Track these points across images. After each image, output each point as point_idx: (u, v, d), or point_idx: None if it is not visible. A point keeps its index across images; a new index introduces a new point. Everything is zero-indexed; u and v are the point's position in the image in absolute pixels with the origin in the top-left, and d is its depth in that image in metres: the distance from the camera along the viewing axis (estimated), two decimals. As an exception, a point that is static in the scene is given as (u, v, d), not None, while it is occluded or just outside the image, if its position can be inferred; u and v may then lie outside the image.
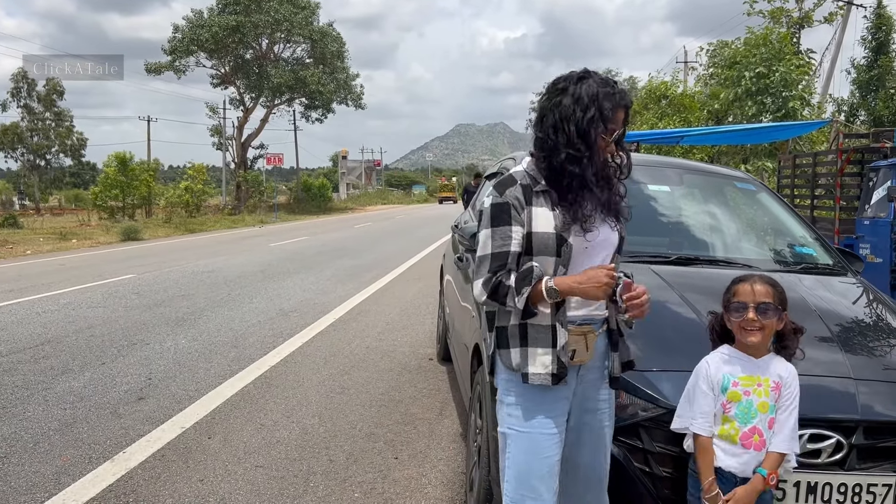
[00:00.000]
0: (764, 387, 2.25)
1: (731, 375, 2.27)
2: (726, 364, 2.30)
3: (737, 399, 2.25)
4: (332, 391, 5.26)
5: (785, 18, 18.30)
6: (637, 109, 22.66)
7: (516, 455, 2.20)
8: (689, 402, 2.29)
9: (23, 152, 47.06)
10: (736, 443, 2.23)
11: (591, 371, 2.23)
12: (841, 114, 19.43)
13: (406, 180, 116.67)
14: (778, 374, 2.26)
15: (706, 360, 2.33)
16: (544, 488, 2.17)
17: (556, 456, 2.18)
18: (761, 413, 2.23)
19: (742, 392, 2.25)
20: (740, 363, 2.29)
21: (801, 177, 11.91)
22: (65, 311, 8.51)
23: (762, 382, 2.25)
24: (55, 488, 3.58)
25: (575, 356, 2.15)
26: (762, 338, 2.28)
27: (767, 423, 2.23)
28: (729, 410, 2.25)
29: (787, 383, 2.26)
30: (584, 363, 2.18)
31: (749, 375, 2.27)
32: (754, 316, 2.25)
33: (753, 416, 2.23)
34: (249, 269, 12.92)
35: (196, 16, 41.00)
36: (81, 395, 5.09)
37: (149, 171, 33.11)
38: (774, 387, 2.25)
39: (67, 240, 21.17)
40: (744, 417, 2.24)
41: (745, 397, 2.25)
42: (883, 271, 7.46)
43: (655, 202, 4.26)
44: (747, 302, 2.27)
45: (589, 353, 2.17)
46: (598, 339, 2.21)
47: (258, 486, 3.62)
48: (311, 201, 47.92)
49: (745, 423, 2.23)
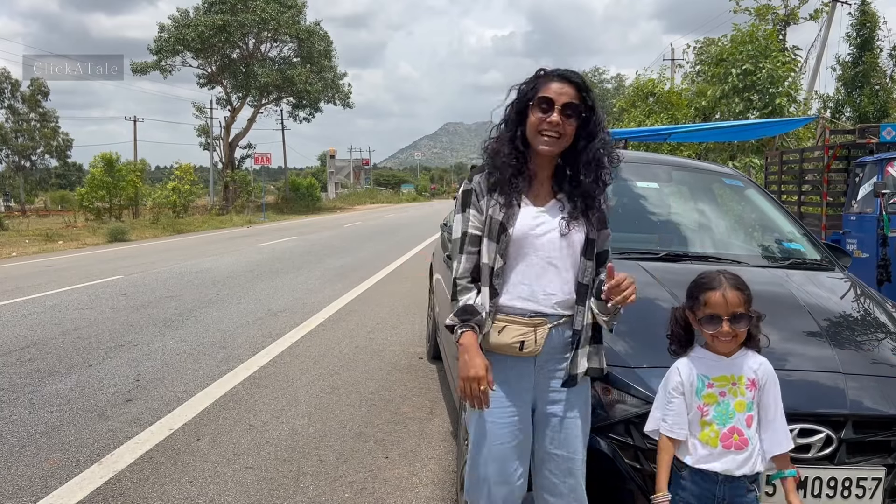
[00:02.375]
0: (739, 385, 2.22)
1: (706, 377, 2.24)
2: (698, 367, 2.26)
3: (713, 401, 2.22)
4: (321, 391, 5.24)
5: (771, 16, 18.37)
6: (624, 107, 22.75)
7: (473, 441, 2.28)
8: (660, 406, 2.28)
9: (7, 153, 46.76)
10: (716, 445, 2.20)
11: (550, 363, 2.23)
12: (827, 110, 19.53)
13: (395, 179, 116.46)
14: (752, 371, 2.23)
15: (676, 367, 2.29)
16: (494, 472, 2.22)
17: (510, 443, 2.21)
18: (738, 412, 2.21)
19: (717, 393, 2.23)
20: (713, 363, 2.26)
21: (788, 173, 11.97)
22: (51, 313, 8.43)
23: (737, 381, 2.22)
24: (42, 492, 3.54)
25: (524, 347, 2.18)
26: (736, 344, 2.25)
27: (745, 420, 2.20)
28: (706, 414, 2.22)
29: (762, 379, 2.22)
30: (533, 355, 2.20)
31: (722, 375, 2.24)
32: (729, 329, 2.20)
33: (731, 417, 2.20)
34: (238, 270, 12.86)
35: (182, 15, 40.73)
36: (68, 398, 5.05)
37: (135, 171, 32.86)
38: (750, 384, 2.22)
39: (54, 241, 21.00)
40: (722, 418, 2.21)
41: (721, 398, 2.22)
42: (869, 266, 7.51)
43: (644, 199, 4.27)
44: (721, 314, 2.19)
45: (538, 345, 2.18)
46: (557, 335, 2.21)
47: (248, 488, 3.59)
48: (300, 201, 47.77)
49: (724, 423, 2.20)
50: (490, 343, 2.20)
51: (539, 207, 2.23)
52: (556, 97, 2.14)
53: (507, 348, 2.19)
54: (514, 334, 2.18)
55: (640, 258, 3.48)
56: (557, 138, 2.16)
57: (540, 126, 2.16)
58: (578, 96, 2.17)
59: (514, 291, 2.19)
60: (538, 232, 2.19)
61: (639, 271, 3.28)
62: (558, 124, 2.14)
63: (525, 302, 2.19)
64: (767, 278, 3.30)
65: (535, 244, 2.19)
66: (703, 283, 2.28)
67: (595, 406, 2.46)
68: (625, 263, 3.47)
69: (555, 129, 2.14)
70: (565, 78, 2.18)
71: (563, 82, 2.17)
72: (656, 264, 3.41)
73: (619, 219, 4.49)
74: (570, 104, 2.15)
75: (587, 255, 2.21)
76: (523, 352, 2.18)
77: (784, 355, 2.56)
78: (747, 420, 2.21)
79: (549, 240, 2.19)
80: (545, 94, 2.15)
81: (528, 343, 2.18)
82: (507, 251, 2.19)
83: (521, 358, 2.20)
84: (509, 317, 2.19)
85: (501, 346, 2.19)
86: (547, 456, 2.26)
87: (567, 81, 2.17)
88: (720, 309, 2.20)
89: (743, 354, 2.26)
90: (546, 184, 2.28)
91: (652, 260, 3.48)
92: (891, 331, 2.98)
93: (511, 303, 2.20)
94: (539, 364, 2.22)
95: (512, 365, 2.22)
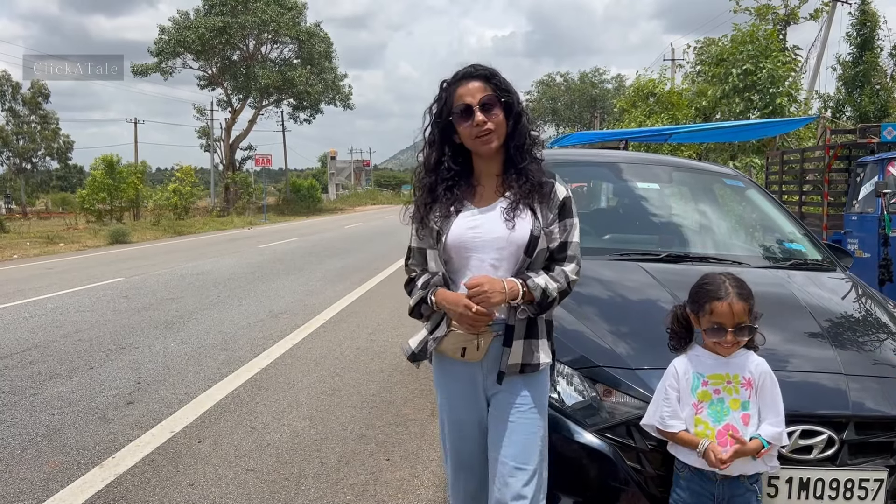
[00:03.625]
0: (734, 384, 2.22)
1: (701, 375, 2.25)
2: (694, 365, 2.27)
3: (707, 399, 2.23)
4: (323, 393, 5.23)
5: (771, 15, 18.38)
6: (625, 107, 22.74)
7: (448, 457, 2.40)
8: (657, 403, 2.29)
9: (8, 156, 46.76)
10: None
11: (493, 370, 2.20)
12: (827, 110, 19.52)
13: (395, 180, 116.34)
14: (748, 370, 2.23)
15: (673, 364, 2.30)
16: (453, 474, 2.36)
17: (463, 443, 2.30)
18: (734, 410, 2.21)
19: (712, 391, 2.23)
20: (709, 362, 2.27)
21: (788, 173, 11.97)
22: (52, 316, 8.43)
23: (732, 379, 2.23)
24: (43, 495, 3.54)
25: (465, 353, 2.17)
26: (737, 349, 2.26)
27: (741, 419, 2.20)
28: (701, 411, 2.22)
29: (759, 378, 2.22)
30: (475, 361, 2.18)
31: (717, 373, 2.24)
32: (733, 339, 2.21)
33: (726, 414, 2.20)
34: (239, 271, 12.86)
35: (182, 17, 40.79)
36: (69, 401, 5.05)
37: (136, 173, 32.89)
38: (746, 383, 2.22)
39: (55, 243, 21.00)
40: (716, 416, 2.21)
41: (716, 395, 2.23)
42: (871, 266, 7.50)
43: (644, 200, 4.27)
44: (726, 325, 2.20)
45: (480, 352, 2.16)
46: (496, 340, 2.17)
47: (249, 490, 3.59)
48: (301, 202, 47.79)
49: (718, 421, 2.21)
50: (440, 347, 2.22)
51: (480, 209, 2.18)
52: (469, 99, 2.10)
53: (450, 353, 2.20)
54: (457, 341, 2.17)
55: (640, 259, 3.48)
56: (492, 133, 2.12)
57: (471, 132, 2.12)
58: (489, 86, 2.12)
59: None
60: (474, 234, 2.15)
61: (639, 272, 3.28)
62: (485, 121, 2.10)
63: None
64: (768, 279, 3.29)
65: (473, 247, 2.15)
66: (709, 290, 2.26)
67: (596, 407, 2.47)
68: (625, 264, 3.47)
69: (485, 128, 2.10)
70: (468, 76, 2.14)
71: (469, 81, 2.13)
72: (657, 265, 3.40)
73: (619, 220, 4.51)
74: (485, 98, 2.10)
75: (528, 252, 2.12)
76: (465, 358, 2.18)
77: (785, 356, 2.56)
78: (743, 418, 2.20)
79: (486, 241, 2.14)
80: (459, 101, 2.12)
81: (470, 350, 2.16)
82: (449, 257, 2.18)
83: (467, 363, 2.20)
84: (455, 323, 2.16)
85: (446, 350, 2.21)
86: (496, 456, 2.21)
87: (470, 79, 2.13)
88: (726, 319, 2.20)
89: (740, 354, 2.26)
90: (492, 184, 2.22)
91: (652, 261, 3.48)
92: (892, 331, 2.97)
93: None
94: (485, 371, 2.21)
95: (460, 370, 2.24)
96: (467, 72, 2.15)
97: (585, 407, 2.48)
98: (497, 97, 2.12)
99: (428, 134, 2.24)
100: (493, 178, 2.23)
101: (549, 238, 2.15)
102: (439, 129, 2.20)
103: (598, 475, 2.42)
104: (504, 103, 2.13)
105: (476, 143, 2.14)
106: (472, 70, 2.15)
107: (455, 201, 2.19)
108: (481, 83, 2.13)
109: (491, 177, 2.23)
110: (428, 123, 2.23)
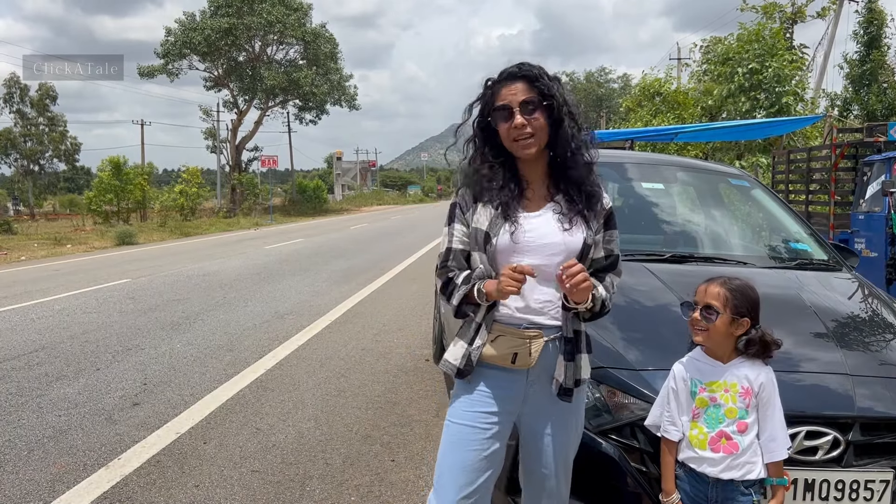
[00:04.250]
0: (731, 392, 2.22)
1: (699, 381, 2.26)
2: (693, 369, 2.29)
3: (703, 405, 2.24)
4: (328, 394, 5.24)
5: (778, 14, 18.32)
6: (631, 107, 22.68)
7: (442, 443, 2.19)
8: (661, 403, 2.31)
9: (16, 158, 47.02)
10: (705, 448, 2.21)
11: (541, 378, 2.13)
12: (834, 109, 19.47)
13: (401, 181, 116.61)
14: (747, 379, 2.22)
15: (673, 368, 2.33)
16: (449, 481, 2.12)
17: (477, 453, 2.10)
18: (729, 418, 2.21)
19: (709, 398, 2.24)
20: (708, 369, 2.27)
21: (795, 172, 11.94)
22: (59, 317, 8.47)
23: (729, 388, 2.23)
24: (50, 496, 3.56)
25: (517, 360, 2.08)
26: (705, 339, 2.26)
27: (737, 426, 2.20)
28: (697, 416, 2.25)
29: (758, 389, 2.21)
30: (526, 367, 2.10)
31: (715, 381, 2.24)
32: (698, 317, 2.26)
33: (720, 421, 2.21)
34: (245, 272, 12.89)
35: (188, 19, 40.94)
36: (76, 402, 5.06)
37: (143, 174, 33.07)
38: (743, 392, 2.21)
39: (62, 245, 21.10)
40: (711, 422, 2.22)
41: (712, 403, 2.23)
42: (878, 266, 7.47)
43: (650, 200, 4.26)
44: (698, 302, 2.29)
45: (532, 358, 2.07)
46: (550, 347, 2.10)
47: (254, 491, 3.60)
48: (307, 203, 47.89)
49: (713, 427, 2.21)
50: (483, 354, 2.11)
51: (530, 213, 2.13)
52: (510, 100, 2.06)
53: (498, 359, 2.10)
54: (506, 346, 2.09)
55: (645, 260, 3.47)
56: (531, 137, 2.07)
57: (510, 134, 2.08)
58: (532, 88, 2.07)
59: (507, 302, 2.09)
60: (527, 239, 2.08)
61: (644, 273, 3.26)
62: (524, 125, 2.05)
63: (519, 313, 2.10)
64: (774, 279, 3.28)
65: (524, 251, 2.08)
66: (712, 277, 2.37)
67: (600, 409, 2.46)
68: (630, 265, 3.46)
69: (524, 131, 2.06)
70: (512, 76, 2.09)
71: (512, 82, 2.08)
72: (662, 266, 3.39)
73: (624, 220, 4.47)
74: (527, 100, 2.05)
75: (580, 260, 2.06)
76: (515, 364, 2.09)
77: (791, 357, 2.55)
78: (738, 426, 2.21)
79: (539, 246, 2.08)
80: (500, 101, 2.08)
81: (521, 355, 2.07)
82: (497, 261, 2.10)
83: (512, 370, 2.11)
84: (504, 327, 2.10)
85: (493, 357, 2.10)
86: (532, 471, 2.22)
87: (515, 79, 2.09)
88: (699, 297, 2.30)
89: (741, 363, 2.26)
90: (540, 188, 2.17)
91: (658, 261, 3.47)
92: (899, 332, 2.96)
93: (505, 313, 2.11)
94: (532, 378, 2.13)
95: (502, 377, 2.13)
96: (512, 71, 2.10)
97: (590, 408, 2.47)
98: (539, 100, 2.07)
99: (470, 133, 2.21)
100: (541, 182, 2.17)
101: (596, 247, 2.15)
102: (481, 128, 2.16)
103: (602, 477, 2.41)
104: (546, 107, 2.07)
105: (514, 146, 2.09)
106: (517, 70, 2.10)
107: (503, 204, 2.11)
108: (525, 84, 2.07)
109: (538, 180, 2.17)
110: (464, 121, 2.20)
